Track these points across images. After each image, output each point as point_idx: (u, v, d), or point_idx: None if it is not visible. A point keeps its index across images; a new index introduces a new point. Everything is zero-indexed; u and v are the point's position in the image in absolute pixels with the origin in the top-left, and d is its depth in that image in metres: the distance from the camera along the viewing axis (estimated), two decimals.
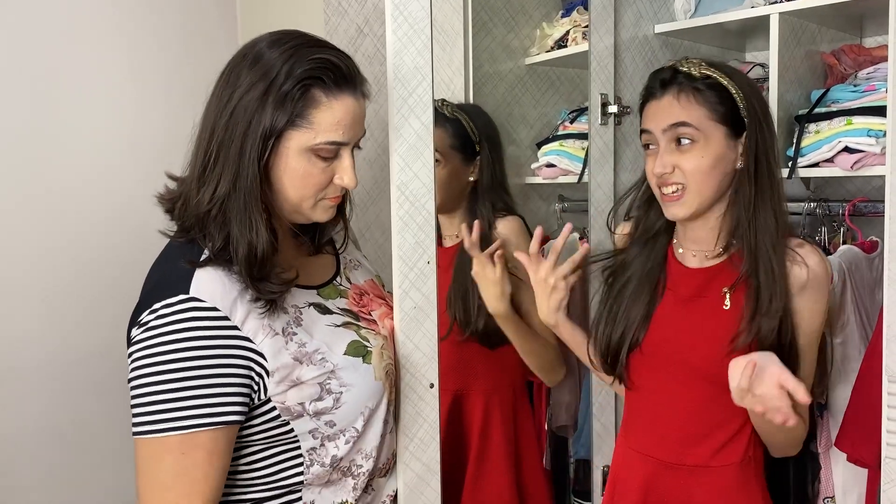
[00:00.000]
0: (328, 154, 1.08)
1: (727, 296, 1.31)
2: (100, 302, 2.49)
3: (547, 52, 2.26)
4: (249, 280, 1.04)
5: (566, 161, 2.19)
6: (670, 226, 1.41)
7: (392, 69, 1.15)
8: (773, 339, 1.27)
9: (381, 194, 2.10)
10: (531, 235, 1.63)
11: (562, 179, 2.23)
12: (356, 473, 1.13)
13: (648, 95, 1.36)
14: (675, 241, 1.42)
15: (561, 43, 2.22)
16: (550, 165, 2.24)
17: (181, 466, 0.99)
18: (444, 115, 1.82)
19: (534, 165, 2.30)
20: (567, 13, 2.26)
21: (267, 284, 1.06)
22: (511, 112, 2.29)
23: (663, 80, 1.33)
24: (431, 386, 1.22)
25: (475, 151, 1.82)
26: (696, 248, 1.38)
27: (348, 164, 1.10)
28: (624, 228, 1.50)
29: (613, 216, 1.53)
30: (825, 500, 1.64)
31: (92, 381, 2.53)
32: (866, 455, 1.44)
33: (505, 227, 1.76)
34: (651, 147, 1.34)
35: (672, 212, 1.33)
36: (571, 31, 2.19)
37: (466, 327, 1.75)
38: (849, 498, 1.58)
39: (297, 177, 1.07)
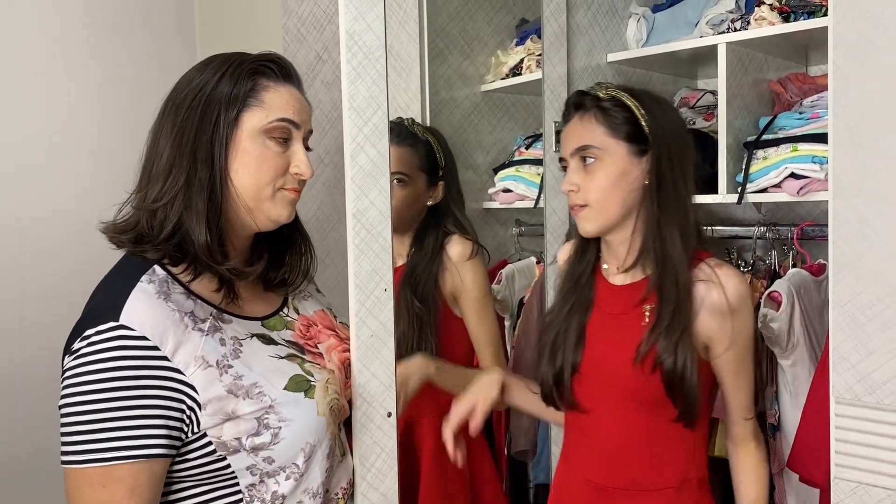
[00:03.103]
0: (281, 135, 1.10)
1: (647, 312, 1.31)
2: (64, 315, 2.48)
3: (502, 79, 2.29)
4: (210, 261, 1.06)
5: (522, 186, 2.21)
6: (599, 245, 1.43)
7: (347, 99, 1.15)
8: (670, 363, 1.24)
9: (340, 220, 2.09)
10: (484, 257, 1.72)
11: (518, 204, 2.25)
12: None
13: (564, 121, 1.41)
14: (601, 257, 1.43)
15: (516, 70, 2.25)
16: (507, 191, 2.27)
17: (100, 500, 0.97)
18: (416, 136, 1.83)
19: (491, 190, 2.32)
20: (521, 41, 2.29)
21: (227, 263, 1.07)
22: (468, 138, 2.31)
23: (573, 105, 1.38)
24: (389, 415, 1.20)
25: (438, 176, 1.83)
26: (618, 264, 1.38)
27: (302, 154, 1.12)
28: (564, 253, 1.54)
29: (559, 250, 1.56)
30: None
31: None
32: (817, 475, 1.46)
33: (454, 248, 1.77)
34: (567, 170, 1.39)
35: (581, 226, 1.36)
36: (526, 59, 2.22)
37: (406, 352, 1.71)
38: None
39: (252, 161, 1.08)
